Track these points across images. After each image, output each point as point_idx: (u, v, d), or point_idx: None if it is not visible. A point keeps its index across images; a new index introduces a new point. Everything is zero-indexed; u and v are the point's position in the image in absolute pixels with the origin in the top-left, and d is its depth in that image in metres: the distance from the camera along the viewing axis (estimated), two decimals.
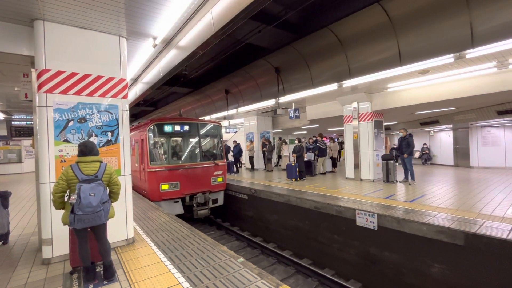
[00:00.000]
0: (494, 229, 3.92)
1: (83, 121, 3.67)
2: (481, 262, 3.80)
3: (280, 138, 14.34)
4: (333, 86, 7.13)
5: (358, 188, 7.56)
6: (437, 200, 5.83)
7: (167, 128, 7.87)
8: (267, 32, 5.98)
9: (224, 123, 14.19)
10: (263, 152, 12.76)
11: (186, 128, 8.21)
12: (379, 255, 5.04)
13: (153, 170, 7.41)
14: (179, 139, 8.66)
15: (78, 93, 3.65)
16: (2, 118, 11.52)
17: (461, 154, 13.23)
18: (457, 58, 4.96)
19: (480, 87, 6.70)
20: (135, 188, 8.33)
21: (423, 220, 4.45)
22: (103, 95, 3.84)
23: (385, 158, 8.37)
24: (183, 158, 8.29)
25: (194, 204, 7.86)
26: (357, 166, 9.09)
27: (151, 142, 7.67)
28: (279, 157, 14.30)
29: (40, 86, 3.41)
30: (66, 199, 2.81)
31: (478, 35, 4.58)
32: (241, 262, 3.27)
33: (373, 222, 5.04)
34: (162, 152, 8.04)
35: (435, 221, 4.35)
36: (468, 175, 9.84)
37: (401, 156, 8.14)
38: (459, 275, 4.02)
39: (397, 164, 8.90)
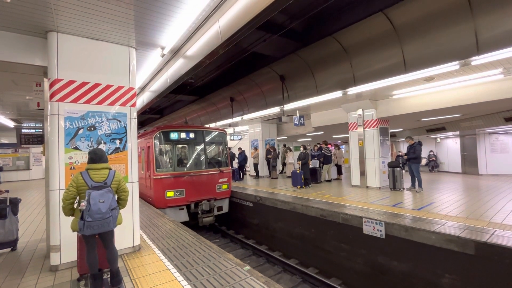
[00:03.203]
0: (506, 238, 3.83)
1: (92, 129, 3.75)
2: (493, 272, 3.70)
3: (284, 145, 14.34)
4: (337, 94, 7.16)
5: (365, 196, 7.48)
6: (445, 208, 5.73)
7: (173, 136, 7.95)
8: (272, 40, 6.08)
9: (229, 130, 14.26)
10: (268, 159, 12.75)
11: (191, 135, 8.30)
12: (387, 265, 4.95)
13: (159, 177, 7.45)
14: (185, 146, 8.73)
15: (88, 101, 3.74)
16: (12, 126, 11.76)
17: (469, 161, 13.04)
18: (462, 65, 4.96)
19: (486, 93, 6.66)
20: (140, 195, 8.37)
21: (432, 228, 4.37)
22: (112, 103, 3.93)
23: (391, 165, 8.29)
24: (188, 165, 8.33)
25: (199, 212, 7.85)
26: (363, 173, 9.02)
27: (157, 149, 7.74)
28: (284, 164, 14.27)
29: (52, 95, 3.51)
30: (75, 205, 2.85)
31: (483, 42, 4.59)
32: (248, 271, 3.25)
33: (381, 231, 4.97)
34: (168, 159, 8.11)
35: (444, 230, 4.27)
36: (477, 183, 9.67)
37: (408, 163, 8.05)
38: (471, 286, 3.92)
39: (403, 171, 8.80)
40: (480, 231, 4.16)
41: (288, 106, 8.68)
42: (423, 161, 14.82)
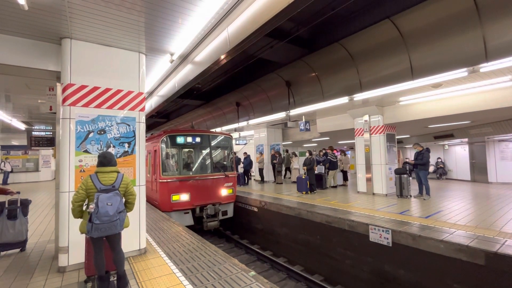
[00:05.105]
0: None
1: (102, 132, 3.83)
2: (504, 283, 3.61)
3: (287, 151, 14.29)
4: (344, 100, 7.16)
5: (371, 203, 7.40)
6: (454, 217, 5.63)
7: (180, 140, 8.03)
8: (279, 47, 6.14)
9: (235, 135, 14.35)
10: (273, 164, 12.74)
11: (198, 139, 8.36)
12: (394, 273, 4.87)
13: (165, 180, 7.52)
14: (191, 150, 8.80)
15: (99, 106, 3.83)
16: (23, 129, 12.04)
17: (478, 169, 12.79)
18: (470, 72, 4.93)
19: (495, 100, 6.57)
20: (146, 199, 8.42)
21: (440, 237, 4.29)
22: (122, 108, 4.01)
23: (398, 172, 8.20)
24: (194, 169, 8.39)
25: (204, 216, 7.87)
26: (369, 180, 8.93)
27: (164, 153, 7.82)
28: (287, 169, 14.15)
29: (64, 100, 3.61)
30: (84, 208, 2.90)
31: (491, 50, 4.56)
32: (253, 276, 3.24)
33: (387, 238, 4.90)
34: (174, 163, 8.18)
35: (453, 239, 4.20)
36: (487, 191, 9.47)
37: (416, 170, 7.95)
38: None
39: (411, 178, 8.68)
40: (490, 241, 4.07)
41: (294, 112, 8.71)
42: (431, 168, 14.59)
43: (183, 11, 3.28)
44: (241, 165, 13.08)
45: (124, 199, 3.01)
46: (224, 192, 8.48)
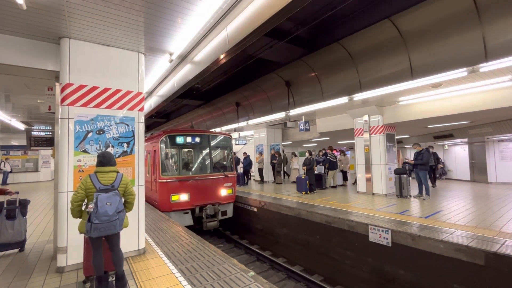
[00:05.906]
0: None
1: (101, 132, 3.82)
2: (504, 283, 3.60)
3: (283, 151, 14.30)
4: (343, 100, 7.16)
5: (370, 203, 7.39)
6: (454, 217, 5.62)
7: (179, 140, 8.01)
8: (279, 47, 6.13)
9: (234, 135, 14.35)
10: (273, 165, 12.74)
11: (197, 139, 8.35)
12: (394, 273, 4.86)
13: (165, 181, 7.50)
14: (191, 150, 8.79)
15: (97, 105, 3.82)
16: (23, 129, 12.02)
17: (478, 169, 12.78)
18: (470, 72, 4.92)
19: (495, 100, 6.57)
20: (145, 199, 8.41)
21: (440, 237, 4.29)
22: (121, 107, 4.00)
23: (398, 172, 8.19)
24: (193, 169, 8.38)
25: (203, 216, 7.86)
26: (368, 180, 8.93)
27: (163, 153, 7.81)
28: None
29: (63, 99, 3.60)
30: (83, 208, 2.89)
31: (491, 49, 4.55)
32: (252, 276, 3.23)
33: (387, 238, 4.90)
34: (174, 163, 8.17)
35: (452, 239, 4.19)
36: (486, 191, 9.46)
37: (416, 170, 7.95)
38: None
39: (410, 178, 8.68)
40: (490, 241, 4.06)
41: (293, 112, 8.70)
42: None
43: (182, 10, 3.28)
44: (241, 165, 13.08)
45: (123, 199, 3.01)
46: (223, 192, 8.47)
